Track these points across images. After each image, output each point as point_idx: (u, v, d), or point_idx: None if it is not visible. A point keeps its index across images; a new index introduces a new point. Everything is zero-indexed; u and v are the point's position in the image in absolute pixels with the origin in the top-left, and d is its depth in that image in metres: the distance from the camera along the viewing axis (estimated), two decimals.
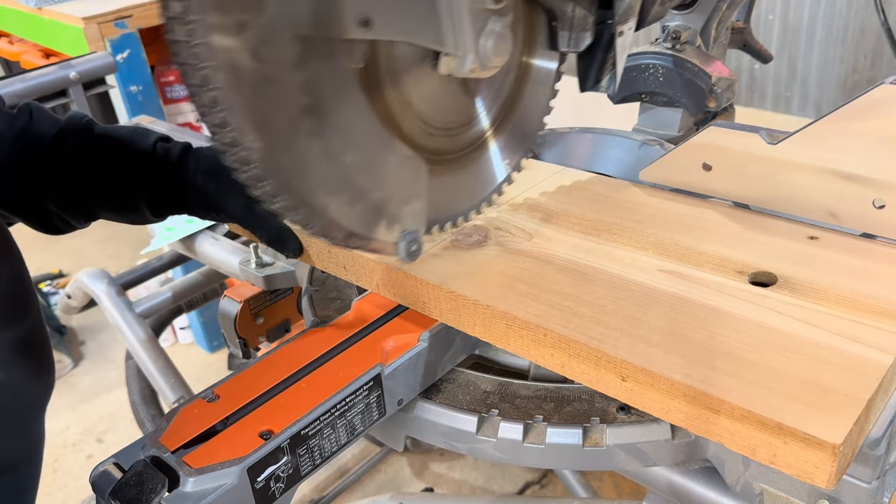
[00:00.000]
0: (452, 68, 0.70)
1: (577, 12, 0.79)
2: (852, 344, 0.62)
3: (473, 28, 0.68)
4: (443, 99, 0.77)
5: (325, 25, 0.59)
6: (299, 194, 0.62)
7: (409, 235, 0.71)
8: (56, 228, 0.87)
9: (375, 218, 0.69)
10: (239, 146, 0.56)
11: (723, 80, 1.29)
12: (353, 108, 0.65)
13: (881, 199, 0.76)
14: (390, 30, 0.65)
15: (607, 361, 0.64)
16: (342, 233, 0.66)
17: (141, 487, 0.60)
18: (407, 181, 0.71)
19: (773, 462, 0.57)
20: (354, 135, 0.65)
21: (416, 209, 0.73)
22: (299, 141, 0.60)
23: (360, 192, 0.67)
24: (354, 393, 0.71)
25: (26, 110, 0.84)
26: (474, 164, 0.85)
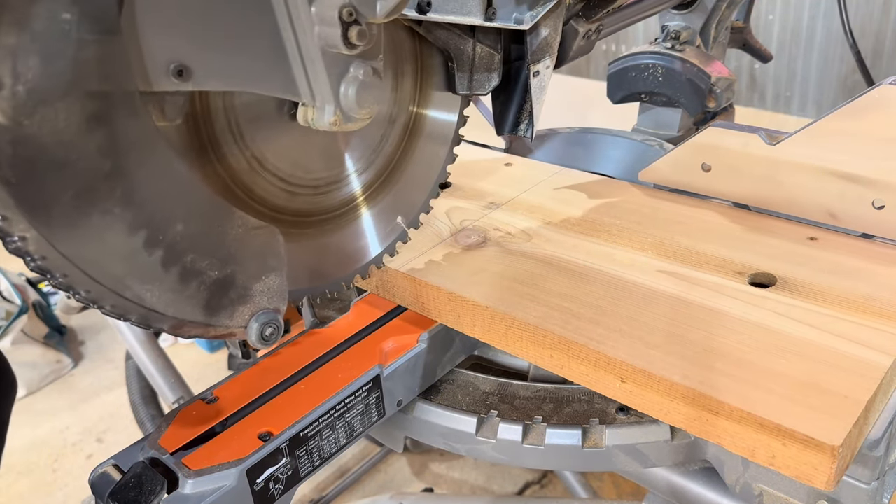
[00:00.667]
0: (311, 120, 0.61)
1: (480, 51, 0.71)
2: (851, 345, 0.62)
3: (330, 75, 0.57)
4: (308, 153, 0.67)
5: (122, 78, 0.48)
6: (105, 287, 0.51)
7: (264, 316, 0.61)
8: None
9: (214, 301, 0.57)
10: (9, 236, 0.45)
11: (722, 80, 1.29)
12: (171, 176, 0.53)
13: (881, 200, 0.76)
14: (219, 80, 0.54)
15: (606, 363, 0.64)
16: (168, 323, 0.55)
17: (140, 489, 0.60)
18: (257, 255, 0.60)
19: (773, 463, 0.57)
20: (175, 208, 0.53)
21: (272, 285, 0.61)
22: (93, 222, 0.48)
23: (188, 274, 0.55)
24: (354, 394, 0.71)
25: None
26: (352, 226, 0.74)
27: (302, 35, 0.55)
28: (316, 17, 0.54)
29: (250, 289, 0.60)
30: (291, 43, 0.56)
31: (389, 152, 0.75)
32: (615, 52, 2.33)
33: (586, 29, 0.77)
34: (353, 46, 0.56)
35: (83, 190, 0.47)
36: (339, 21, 0.54)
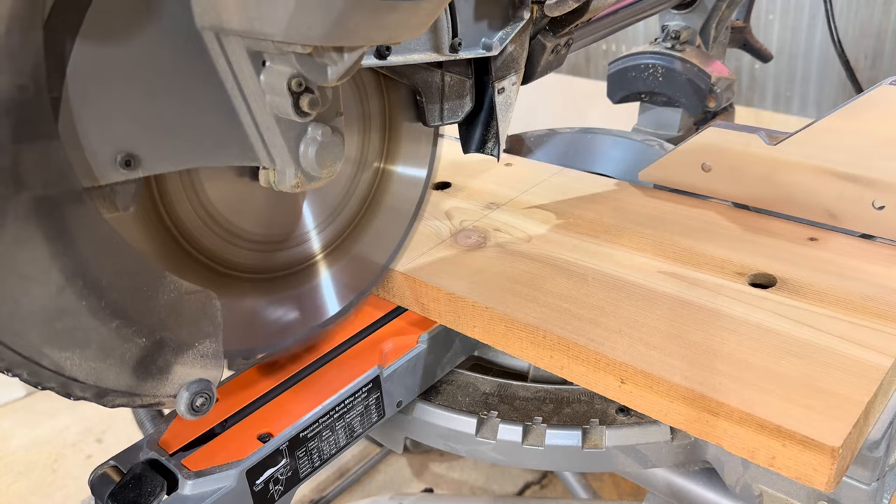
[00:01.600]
0: (273, 182, 0.59)
1: (449, 79, 0.70)
2: (851, 346, 0.62)
3: (286, 139, 0.56)
4: (266, 207, 0.66)
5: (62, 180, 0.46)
6: (18, 352, 0.48)
7: (196, 386, 0.58)
8: None
9: (141, 369, 0.54)
10: None
11: (722, 79, 1.29)
12: (101, 244, 0.50)
13: (881, 200, 0.76)
14: (169, 161, 0.53)
15: (606, 363, 0.64)
16: (90, 391, 0.53)
17: (140, 490, 0.60)
18: (191, 320, 0.57)
19: (773, 464, 0.57)
20: (102, 275, 0.50)
21: (208, 351, 0.58)
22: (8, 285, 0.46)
23: (114, 341, 0.52)
24: (353, 395, 0.71)
25: None
26: (303, 287, 0.72)
27: (254, 104, 0.54)
28: (265, 86, 0.53)
29: (182, 355, 0.57)
30: (244, 112, 0.55)
31: (356, 206, 0.74)
32: (615, 52, 2.33)
33: (554, 44, 0.75)
34: (305, 115, 0.54)
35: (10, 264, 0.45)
36: (289, 92, 0.53)
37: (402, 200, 0.77)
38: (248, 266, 0.67)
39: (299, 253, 0.71)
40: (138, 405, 0.55)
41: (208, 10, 0.49)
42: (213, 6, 0.49)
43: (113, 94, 0.49)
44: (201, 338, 0.58)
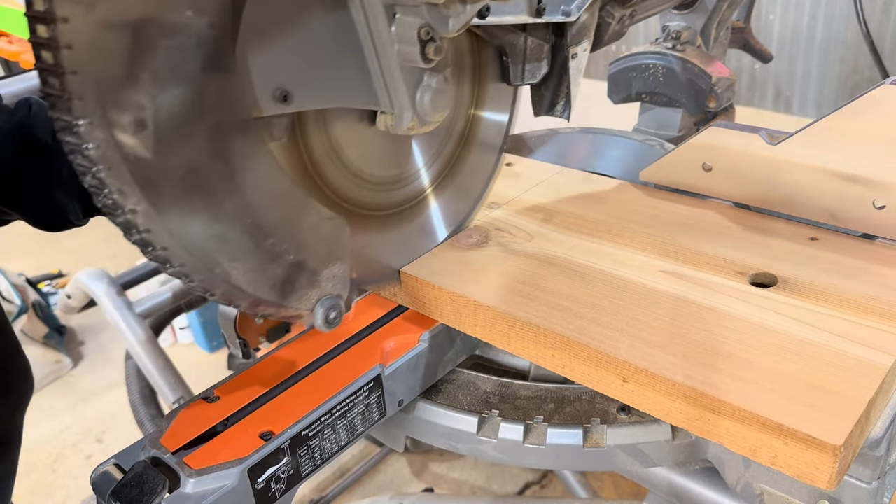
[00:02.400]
0: (390, 126, 0.68)
1: (531, 43, 0.76)
2: (853, 345, 0.62)
3: (407, 86, 0.65)
4: (382, 152, 0.74)
5: (236, 108, 0.54)
6: (197, 261, 0.55)
7: (329, 301, 0.65)
8: (55, 225, 0.87)
9: (289, 284, 0.63)
10: (121, 209, 0.50)
11: (723, 80, 1.29)
12: (265, 174, 0.59)
13: (881, 200, 0.76)
14: (314, 99, 0.62)
15: (608, 362, 0.64)
16: (247, 300, 0.60)
17: (141, 488, 0.60)
18: (327, 243, 0.65)
19: (774, 463, 0.57)
20: (263, 198, 0.59)
21: (337, 273, 0.66)
22: (195, 204, 0.54)
23: (269, 256, 0.60)
24: (355, 394, 0.71)
25: (25, 104, 0.84)
26: (419, 218, 0.81)
27: (383, 53, 0.62)
28: (396, 36, 0.62)
29: (319, 275, 0.65)
30: (373, 61, 0.63)
31: (452, 149, 0.82)
32: (615, 52, 2.33)
33: (621, 14, 0.81)
34: (429, 61, 0.63)
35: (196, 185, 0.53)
36: (418, 40, 0.61)
37: (490, 140, 0.86)
38: (366, 203, 0.75)
39: (412, 190, 0.80)
40: (282, 316, 0.64)
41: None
42: None
43: (275, 38, 0.57)
44: (333, 260, 0.66)
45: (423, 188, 0.80)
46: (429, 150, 0.80)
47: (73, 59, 0.44)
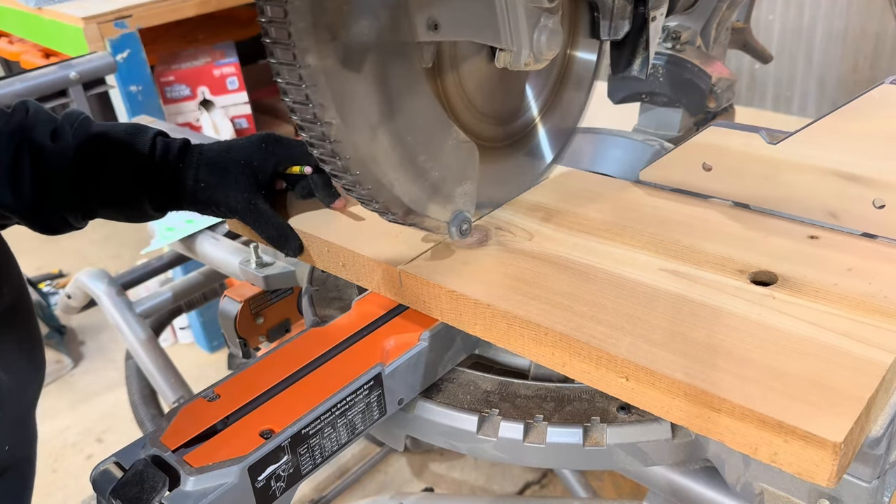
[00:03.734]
0: (508, 62, 0.76)
1: (618, 2, 0.84)
2: (853, 343, 0.62)
3: (528, 25, 0.73)
4: (497, 89, 0.84)
5: (401, 31, 0.66)
6: (369, 171, 0.67)
7: (461, 216, 0.77)
8: (53, 228, 0.87)
9: (432, 196, 0.74)
10: (318, 122, 0.63)
11: (723, 80, 1.29)
12: (421, 97, 0.71)
13: (881, 199, 0.76)
14: (455, 31, 0.72)
15: (608, 360, 0.64)
16: (402, 209, 0.72)
17: (142, 486, 0.60)
18: (461, 164, 0.76)
19: (774, 461, 0.57)
20: (419, 119, 0.71)
21: (468, 191, 0.78)
22: (372, 122, 0.66)
23: (420, 171, 0.72)
24: (355, 392, 0.71)
25: (23, 108, 0.84)
26: (523, 151, 0.92)
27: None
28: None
29: (455, 190, 0.76)
30: (501, 2, 0.71)
31: (552, 85, 0.92)
32: None
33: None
34: (553, 2, 0.73)
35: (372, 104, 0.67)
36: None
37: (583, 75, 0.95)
38: (488, 136, 0.86)
39: (526, 119, 0.91)
40: (424, 227, 0.76)
41: None
42: None
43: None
44: (467, 178, 0.78)
45: (533, 118, 0.92)
46: (538, 83, 0.90)
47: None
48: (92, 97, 1.60)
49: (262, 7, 0.59)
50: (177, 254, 1.61)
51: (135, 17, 2.19)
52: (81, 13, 2.13)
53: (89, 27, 2.11)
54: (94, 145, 0.84)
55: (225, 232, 1.28)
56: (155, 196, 0.85)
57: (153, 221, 1.20)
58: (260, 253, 1.05)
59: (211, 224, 1.28)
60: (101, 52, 1.68)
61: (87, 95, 1.58)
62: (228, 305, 1.04)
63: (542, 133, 0.93)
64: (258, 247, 1.05)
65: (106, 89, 1.65)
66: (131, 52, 2.20)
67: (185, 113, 2.47)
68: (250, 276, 1.05)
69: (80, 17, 2.11)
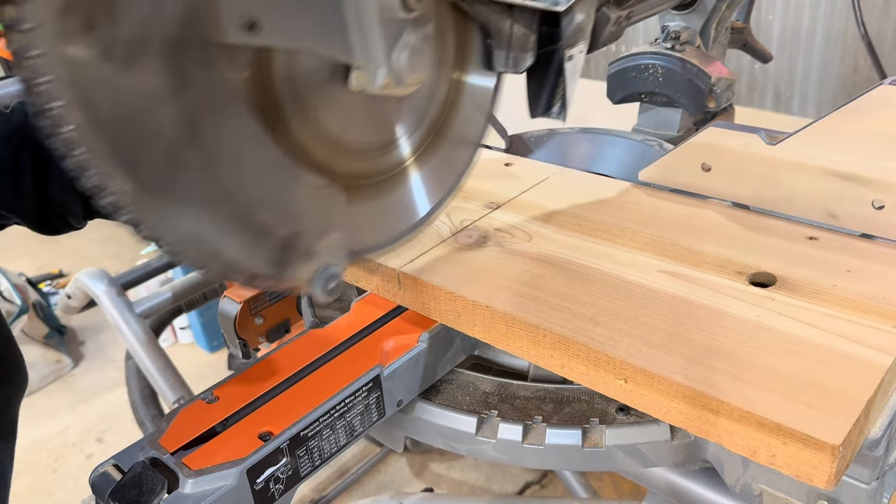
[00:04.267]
0: (363, 84, 0.62)
1: (516, 30, 0.73)
2: (852, 345, 0.62)
3: (385, 39, 0.60)
4: (359, 118, 0.70)
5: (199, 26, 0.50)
6: (186, 237, 0.53)
7: (327, 271, 0.64)
8: (53, 228, 0.87)
9: (285, 256, 0.61)
10: (106, 190, 0.48)
11: (722, 80, 1.29)
12: (247, 136, 0.56)
13: (880, 200, 0.76)
14: (284, 35, 0.56)
15: (607, 362, 0.64)
16: (244, 275, 0.58)
17: (140, 489, 0.60)
18: (320, 213, 0.63)
19: (773, 463, 0.57)
20: (251, 168, 0.56)
21: (334, 242, 0.64)
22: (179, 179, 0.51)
23: (263, 229, 0.58)
24: (354, 394, 0.71)
25: (21, 107, 0.84)
26: (399, 190, 0.76)
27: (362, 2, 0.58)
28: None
29: (315, 244, 0.63)
30: (351, 6, 0.58)
31: (435, 115, 0.77)
32: (615, 52, 2.33)
33: (617, 15, 0.79)
34: (410, 10, 0.58)
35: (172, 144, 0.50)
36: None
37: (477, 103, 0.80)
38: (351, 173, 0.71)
39: (392, 158, 0.75)
40: (282, 288, 0.62)
41: None
42: None
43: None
44: (330, 228, 0.64)
45: (403, 158, 0.76)
46: (411, 116, 0.75)
47: None
48: None
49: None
50: None
51: None
52: None
53: None
54: None
55: None
56: None
57: None
58: None
59: None
60: None
61: None
62: (228, 306, 1.04)
63: (420, 170, 0.78)
64: None
65: None
66: None
67: None
68: None
69: None
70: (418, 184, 0.77)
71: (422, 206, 0.77)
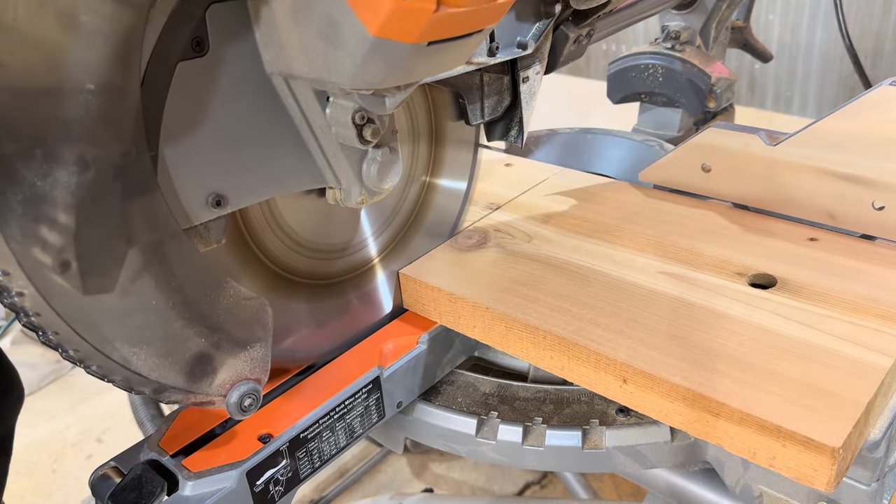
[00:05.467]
0: (339, 199, 0.66)
1: (488, 79, 0.74)
2: (852, 347, 0.62)
3: (351, 162, 0.62)
4: (322, 219, 0.72)
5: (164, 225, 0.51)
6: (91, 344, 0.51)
7: (244, 386, 0.60)
8: None
9: (198, 368, 0.57)
10: (6, 291, 0.46)
11: (722, 80, 1.29)
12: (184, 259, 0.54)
13: (880, 201, 0.76)
14: (252, 195, 0.60)
15: (607, 364, 0.64)
16: (150, 387, 0.55)
17: (140, 491, 0.60)
18: (246, 324, 0.60)
19: (773, 465, 0.57)
20: (173, 277, 0.54)
21: (258, 355, 0.61)
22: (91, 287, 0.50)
23: (178, 340, 0.55)
24: (353, 396, 0.71)
25: None
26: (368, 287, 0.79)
27: (321, 135, 0.60)
28: (331, 119, 0.59)
29: (234, 358, 0.60)
30: (312, 143, 0.61)
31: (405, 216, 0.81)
32: (615, 52, 2.33)
33: (577, 34, 0.77)
34: (367, 143, 0.60)
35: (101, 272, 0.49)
36: (353, 125, 0.59)
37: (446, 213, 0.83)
38: (308, 272, 0.73)
39: (359, 258, 0.77)
40: (191, 403, 0.58)
41: (277, 59, 0.55)
42: (283, 56, 0.54)
43: (202, 145, 0.55)
44: (253, 342, 0.61)
45: (370, 257, 0.78)
46: (378, 218, 0.77)
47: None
48: None
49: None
50: None
51: None
52: None
53: None
54: None
55: None
56: None
57: None
58: None
59: None
60: None
61: None
62: None
63: (382, 274, 0.80)
64: None
65: None
66: None
67: None
68: None
69: None
70: (383, 284, 0.80)
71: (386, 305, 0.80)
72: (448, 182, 0.82)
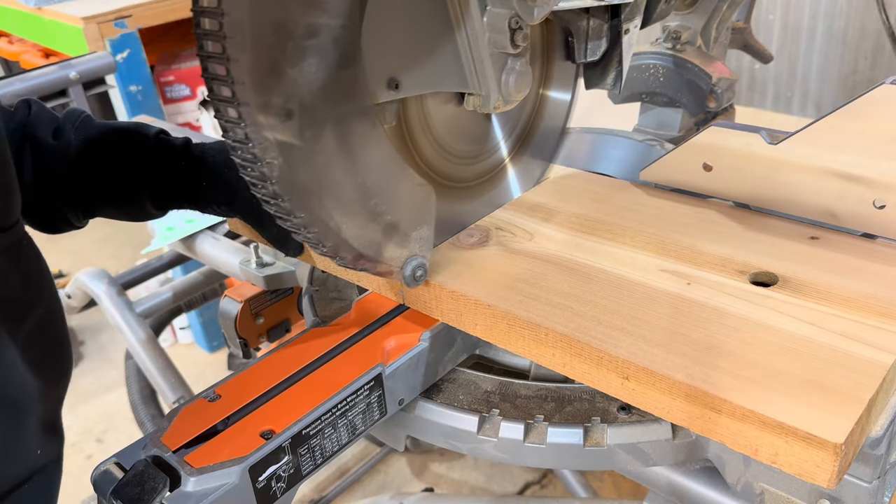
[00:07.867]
0: (478, 105, 0.76)
1: (592, 23, 0.82)
2: (853, 344, 0.62)
3: (495, 70, 0.73)
4: (465, 130, 0.82)
5: (358, 97, 0.62)
6: (315, 213, 0.63)
7: (415, 261, 0.72)
8: (54, 227, 0.87)
9: (385, 241, 0.69)
10: (259, 162, 0.57)
11: (723, 80, 1.29)
12: (374, 139, 0.66)
13: (881, 200, 0.76)
14: (418, 86, 0.70)
15: (609, 361, 0.64)
16: (352, 254, 0.67)
17: (142, 487, 0.60)
18: (417, 207, 0.72)
19: (775, 462, 0.57)
20: (372, 160, 0.66)
21: (424, 235, 0.73)
22: (319, 162, 0.62)
23: (373, 214, 0.67)
24: (355, 393, 0.71)
25: (25, 105, 0.84)
26: (494, 190, 0.90)
27: (474, 42, 0.71)
28: (487, 26, 0.70)
29: (409, 235, 0.72)
30: (465, 49, 0.71)
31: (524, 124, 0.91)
32: None
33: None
34: (517, 47, 0.70)
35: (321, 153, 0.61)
36: (508, 29, 0.69)
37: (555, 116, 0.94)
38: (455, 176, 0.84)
39: (495, 159, 0.89)
40: (376, 272, 0.70)
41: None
42: None
43: (389, 33, 0.66)
44: (423, 222, 0.73)
45: (502, 158, 0.90)
46: (507, 123, 0.88)
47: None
48: (92, 97, 1.60)
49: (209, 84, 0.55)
50: (177, 254, 1.61)
51: (135, 17, 2.19)
52: (81, 13, 2.13)
53: (89, 27, 2.11)
54: (95, 143, 0.84)
55: (225, 232, 1.28)
56: (156, 194, 0.85)
57: (153, 221, 1.21)
58: (260, 253, 1.05)
59: (211, 224, 1.28)
60: (101, 52, 1.67)
61: (87, 95, 1.58)
62: (228, 305, 1.04)
63: (512, 171, 0.92)
64: (258, 247, 1.05)
65: (106, 89, 1.65)
66: (131, 51, 2.20)
67: (184, 113, 2.47)
68: (250, 276, 1.05)
69: (79, 17, 2.11)
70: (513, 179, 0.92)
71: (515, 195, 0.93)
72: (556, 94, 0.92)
